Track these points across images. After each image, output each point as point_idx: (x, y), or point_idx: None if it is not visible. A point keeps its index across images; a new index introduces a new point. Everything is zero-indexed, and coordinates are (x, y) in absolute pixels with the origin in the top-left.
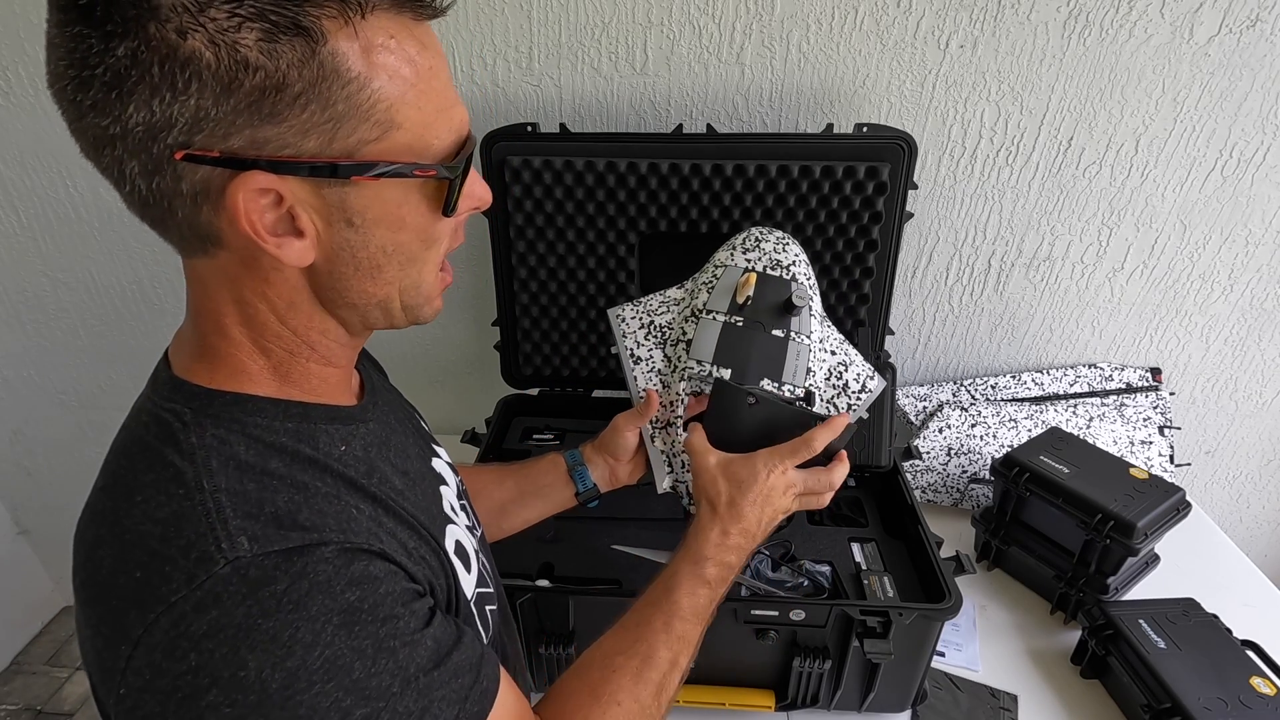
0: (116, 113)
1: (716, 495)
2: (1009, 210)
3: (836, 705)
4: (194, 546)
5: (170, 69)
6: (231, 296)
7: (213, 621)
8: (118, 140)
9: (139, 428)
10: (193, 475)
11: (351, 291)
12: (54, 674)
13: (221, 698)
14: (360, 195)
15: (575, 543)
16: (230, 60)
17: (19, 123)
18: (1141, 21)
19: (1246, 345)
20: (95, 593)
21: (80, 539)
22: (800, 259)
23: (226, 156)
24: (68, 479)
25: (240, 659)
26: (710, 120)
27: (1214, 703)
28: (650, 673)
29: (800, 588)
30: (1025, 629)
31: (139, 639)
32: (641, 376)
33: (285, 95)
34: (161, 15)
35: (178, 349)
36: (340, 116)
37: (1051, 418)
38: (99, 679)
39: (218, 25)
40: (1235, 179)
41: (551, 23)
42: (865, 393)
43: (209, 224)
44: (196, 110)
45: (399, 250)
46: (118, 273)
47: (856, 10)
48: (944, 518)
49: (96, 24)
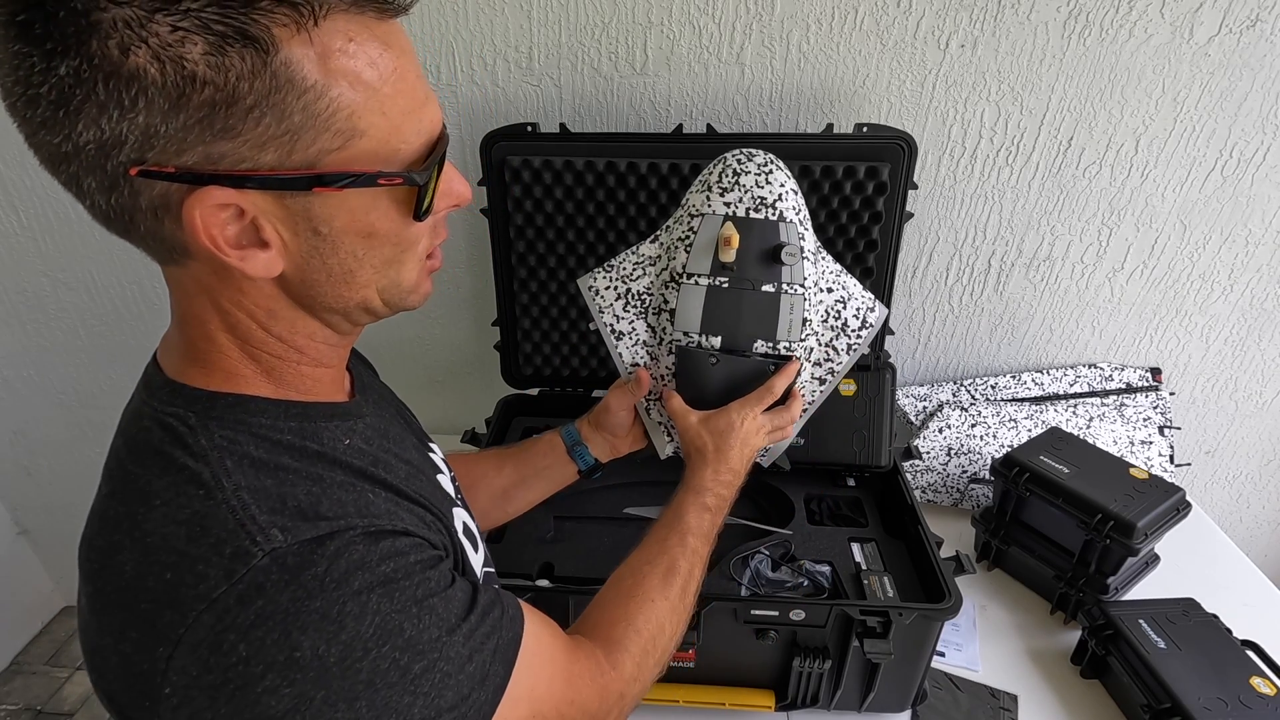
0: (66, 130)
1: (704, 445)
2: (1009, 210)
3: (836, 705)
4: (226, 543)
5: (115, 86)
6: (212, 305)
7: (259, 611)
8: (71, 157)
9: (141, 433)
10: (210, 476)
11: (327, 296)
12: (54, 674)
13: (279, 680)
14: (325, 205)
15: (575, 543)
16: (176, 75)
17: None
18: (1141, 21)
19: (1246, 345)
20: (117, 599)
21: (91, 548)
22: (787, 188)
23: (182, 172)
24: (68, 479)
25: (293, 641)
26: (710, 120)
27: (1214, 703)
28: (674, 578)
29: (800, 588)
30: (1025, 629)
31: (180, 638)
32: (626, 352)
33: (237, 109)
34: (103, 31)
35: (166, 352)
36: (298, 128)
37: (1051, 418)
38: (124, 684)
39: (161, 40)
40: (1235, 179)
41: (551, 23)
42: (866, 328)
43: (173, 236)
44: (146, 127)
45: (371, 255)
46: (118, 273)
47: (856, 10)
48: (944, 518)
49: (37, 42)
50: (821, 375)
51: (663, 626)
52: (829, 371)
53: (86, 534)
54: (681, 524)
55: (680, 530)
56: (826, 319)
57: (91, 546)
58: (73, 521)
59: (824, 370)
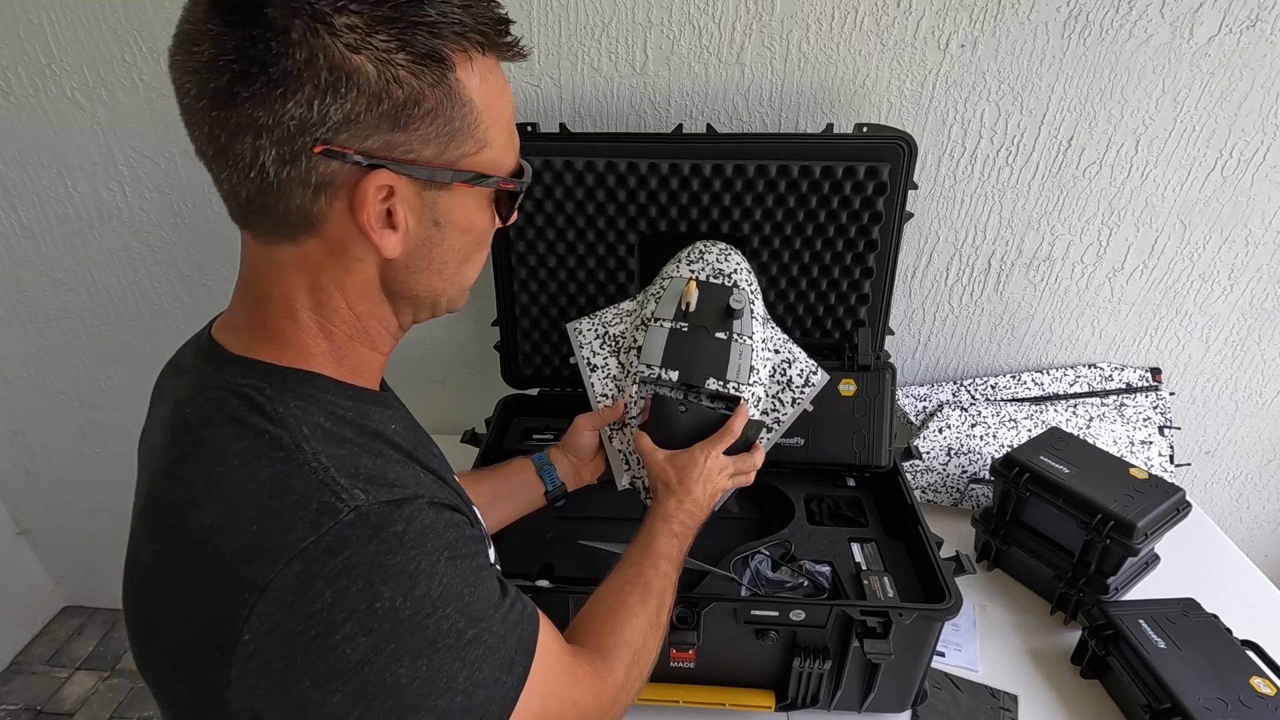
0: (275, 106)
1: (669, 480)
2: (1009, 210)
3: (836, 705)
4: (312, 499)
5: (336, 76)
6: (307, 283)
7: (345, 561)
8: (266, 130)
9: (212, 402)
10: (290, 440)
11: (419, 284)
12: (54, 674)
13: (357, 628)
14: (450, 199)
15: (575, 543)
16: (387, 76)
17: (19, 123)
18: (1141, 21)
19: (1246, 345)
20: (195, 551)
21: (162, 506)
22: (741, 266)
23: (357, 155)
24: (68, 479)
25: (375, 591)
26: (710, 120)
27: (1214, 703)
28: (650, 597)
29: (800, 588)
30: (1025, 629)
31: (267, 584)
32: (599, 382)
33: (419, 109)
34: (337, 31)
35: (229, 332)
36: (454, 131)
37: (1051, 418)
38: (193, 636)
39: (379, 48)
40: (1235, 179)
41: (551, 23)
42: (809, 386)
43: (318, 213)
44: (349, 113)
45: (462, 249)
46: (118, 273)
47: (856, 10)
48: (944, 518)
49: (277, 30)
50: (769, 424)
51: (645, 641)
52: (775, 420)
53: (154, 494)
54: (653, 548)
55: (652, 554)
56: (774, 374)
57: (163, 505)
58: (73, 521)
59: (770, 419)
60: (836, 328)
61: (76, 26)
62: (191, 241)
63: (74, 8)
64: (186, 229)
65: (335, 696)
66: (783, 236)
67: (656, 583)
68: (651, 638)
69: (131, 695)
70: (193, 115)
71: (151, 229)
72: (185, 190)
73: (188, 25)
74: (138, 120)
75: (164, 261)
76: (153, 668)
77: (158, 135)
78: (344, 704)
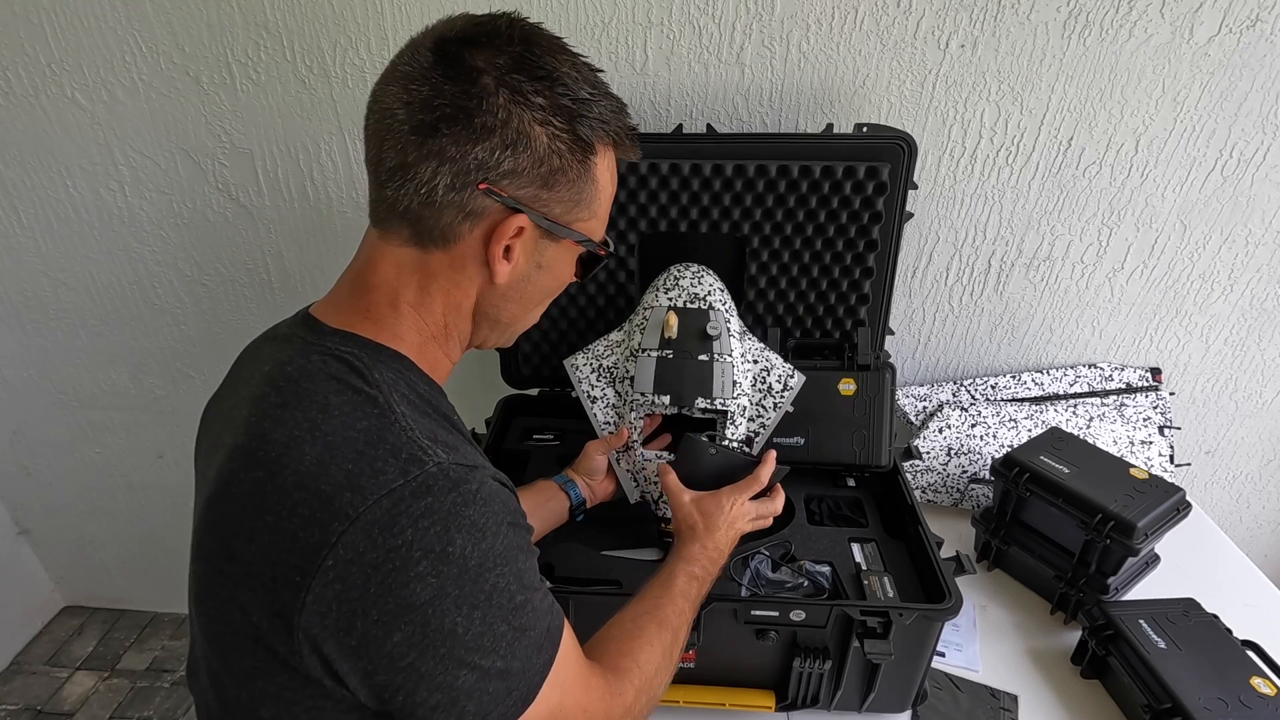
0: (465, 147)
1: (694, 524)
2: (1009, 210)
3: (836, 705)
4: (402, 450)
5: (520, 139)
6: (417, 283)
7: (427, 505)
8: (452, 160)
9: (312, 362)
10: (383, 400)
11: (505, 311)
12: (54, 674)
13: (429, 569)
14: (556, 250)
15: (575, 544)
16: (554, 147)
17: (19, 123)
18: (1141, 21)
19: (1246, 345)
20: (294, 480)
21: (266, 441)
22: (714, 288)
23: (510, 199)
24: (68, 479)
25: (449, 536)
26: (710, 120)
27: (1214, 703)
28: (665, 630)
29: (800, 588)
30: (1025, 629)
31: (358, 515)
32: (600, 412)
33: (565, 177)
34: (531, 105)
35: (330, 310)
36: (580, 199)
37: (1051, 418)
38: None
39: (556, 127)
40: (1235, 179)
41: (551, 23)
42: (788, 390)
43: (458, 233)
44: (516, 165)
45: (544, 292)
46: (118, 273)
47: (856, 10)
48: (944, 518)
49: (487, 93)
50: (755, 429)
51: (657, 670)
52: (760, 425)
53: (256, 431)
54: (673, 587)
55: (671, 593)
56: (755, 384)
57: (267, 440)
58: (73, 521)
59: (756, 425)
60: (836, 328)
61: (76, 26)
62: (191, 241)
63: (74, 8)
64: (186, 229)
65: (396, 635)
66: (783, 236)
67: (673, 619)
68: (663, 668)
69: (131, 695)
70: (388, 133)
71: (151, 229)
72: (185, 190)
73: (408, 68)
74: (138, 120)
75: (164, 261)
76: (218, 595)
77: (158, 135)
78: (402, 644)
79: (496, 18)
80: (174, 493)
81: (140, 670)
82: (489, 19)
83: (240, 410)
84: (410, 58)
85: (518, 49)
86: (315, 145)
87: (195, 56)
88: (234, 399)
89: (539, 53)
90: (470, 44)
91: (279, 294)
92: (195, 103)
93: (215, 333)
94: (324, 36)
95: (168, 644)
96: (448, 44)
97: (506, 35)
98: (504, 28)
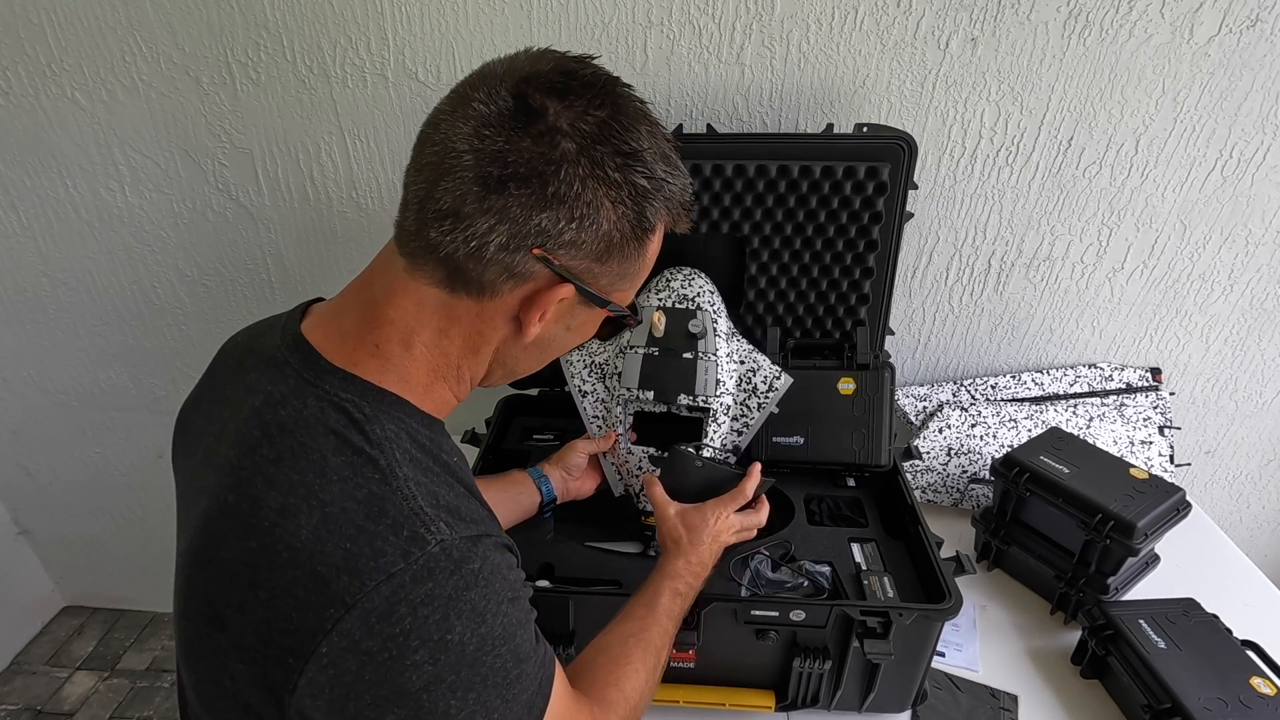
0: (532, 211)
1: (679, 538)
2: (1009, 210)
3: (836, 706)
4: (403, 526)
5: (590, 212)
6: (437, 325)
7: (428, 592)
8: (513, 221)
9: (311, 410)
10: (385, 464)
11: (521, 362)
12: (54, 674)
13: (426, 657)
14: (588, 314)
15: (575, 543)
16: (618, 225)
17: (19, 123)
18: (1141, 21)
19: (1246, 345)
20: (289, 558)
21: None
22: (704, 290)
23: (562, 269)
24: (68, 479)
25: (449, 624)
26: (710, 120)
27: (1214, 703)
28: (650, 652)
29: (800, 588)
30: (1025, 629)
31: (355, 602)
32: (590, 406)
33: (620, 254)
34: (608, 182)
35: (331, 338)
36: (625, 274)
37: (1051, 418)
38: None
39: (627, 206)
40: (1235, 179)
41: (551, 23)
42: (773, 391)
43: (498, 289)
44: (577, 238)
45: (564, 348)
46: (118, 273)
47: (856, 10)
48: (944, 518)
49: (567, 161)
50: (739, 428)
51: (642, 694)
52: (744, 425)
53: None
54: (658, 606)
55: (656, 612)
56: (740, 384)
57: (258, 504)
58: (73, 521)
59: (740, 424)
60: (836, 327)
61: (76, 26)
62: (191, 241)
63: (74, 8)
64: (186, 229)
65: (389, 717)
66: (783, 236)
67: (657, 640)
68: (647, 691)
69: (131, 695)
70: (448, 174)
71: (151, 229)
72: (185, 190)
73: (484, 107)
74: (138, 120)
75: (164, 261)
76: (207, 660)
77: (158, 135)
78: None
79: (585, 67)
80: (174, 493)
81: (140, 670)
82: (579, 67)
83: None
84: (487, 96)
85: (605, 114)
86: (315, 145)
87: (195, 56)
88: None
89: (625, 122)
90: (556, 96)
91: (279, 294)
92: (195, 103)
93: (215, 333)
94: (324, 36)
95: (168, 644)
96: (532, 92)
97: (597, 93)
98: (595, 83)
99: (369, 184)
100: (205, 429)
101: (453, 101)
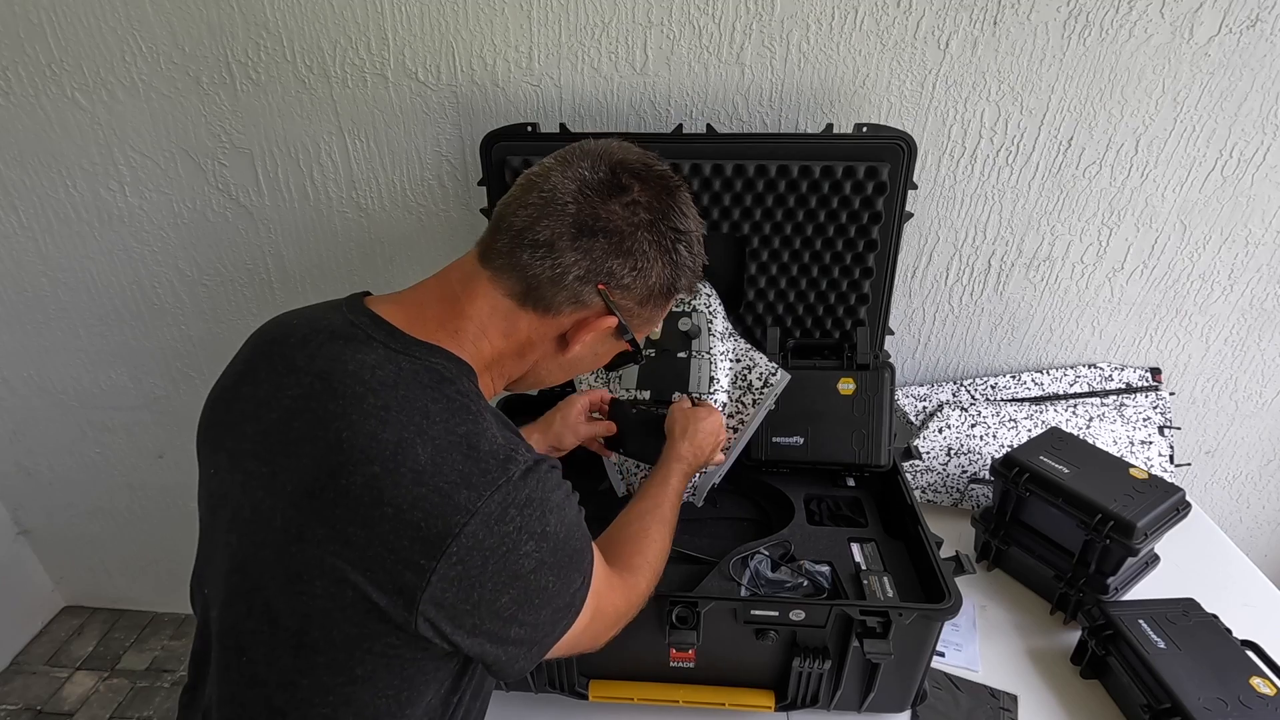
0: (608, 256)
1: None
2: (1009, 210)
3: (836, 705)
4: (499, 450)
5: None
6: (503, 328)
7: (526, 496)
8: (593, 260)
9: (404, 369)
10: (475, 408)
11: (551, 375)
12: (54, 674)
13: (534, 546)
14: (613, 345)
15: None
16: (660, 284)
17: (19, 123)
18: (1141, 21)
19: (1246, 345)
20: (412, 476)
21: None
22: (701, 291)
23: (614, 304)
24: (68, 479)
25: (545, 519)
26: (710, 120)
27: (1214, 703)
28: (665, 524)
29: (800, 588)
30: (1025, 629)
31: (476, 509)
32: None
33: (653, 303)
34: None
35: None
36: (649, 319)
37: (1051, 418)
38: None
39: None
40: (1235, 179)
41: (551, 23)
42: (768, 387)
43: (559, 309)
44: (632, 284)
45: (584, 369)
46: (117, 273)
47: (856, 10)
48: (944, 518)
49: (644, 229)
50: (734, 425)
51: (660, 558)
52: (740, 421)
53: (363, 429)
54: (669, 484)
55: (668, 490)
56: (736, 381)
57: (377, 439)
58: (73, 521)
59: (736, 421)
60: (836, 327)
61: (76, 26)
62: (191, 241)
63: (74, 8)
64: (186, 229)
65: (505, 596)
66: (783, 236)
67: (669, 514)
68: (664, 555)
69: (131, 695)
70: (551, 215)
71: (151, 229)
72: (185, 190)
73: (588, 174)
74: (138, 120)
75: (164, 261)
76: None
77: (158, 135)
78: (509, 603)
79: (658, 163)
80: (174, 493)
81: (140, 670)
82: (654, 162)
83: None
84: (591, 167)
85: (668, 199)
86: (315, 145)
87: (195, 56)
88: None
89: (680, 206)
90: (638, 178)
91: (279, 294)
92: (195, 103)
93: (215, 333)
94: (324, 36)
95: (168, 644)
96: (622, 173)
97: (662, 182)
98: (664, 176)
99: (369, 184)
100: (268, 398)
101: (561, 163)
